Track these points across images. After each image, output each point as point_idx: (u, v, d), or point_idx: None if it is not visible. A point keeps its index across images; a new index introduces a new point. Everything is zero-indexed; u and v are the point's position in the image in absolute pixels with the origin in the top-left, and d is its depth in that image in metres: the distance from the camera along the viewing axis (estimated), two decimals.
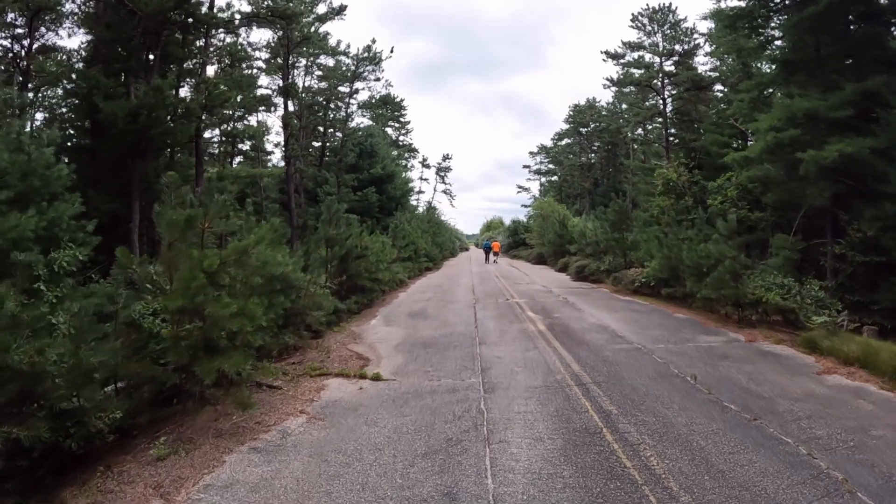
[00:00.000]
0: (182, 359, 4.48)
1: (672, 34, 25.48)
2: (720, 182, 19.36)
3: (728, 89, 25.24)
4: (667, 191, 19.60)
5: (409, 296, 13.86)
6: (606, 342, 7.51)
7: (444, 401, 4.92)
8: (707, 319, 9.89)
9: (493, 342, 7.44)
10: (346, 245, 10.45)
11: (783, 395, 5.32)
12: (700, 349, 7.32)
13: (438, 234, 33.51)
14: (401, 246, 18.49)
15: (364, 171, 32.58)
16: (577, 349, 7.00)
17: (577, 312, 10.21)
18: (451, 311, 10.55)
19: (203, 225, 4.89)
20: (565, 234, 24.01)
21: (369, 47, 28.69)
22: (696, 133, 26.55)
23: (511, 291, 14.09)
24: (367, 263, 10.96)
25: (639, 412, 4.68)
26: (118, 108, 11.26)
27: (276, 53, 26.62)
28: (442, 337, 7.93)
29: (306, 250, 9.65)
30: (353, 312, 10.32)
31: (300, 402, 5.19)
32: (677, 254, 11.78)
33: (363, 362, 6.62)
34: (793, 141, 12.95)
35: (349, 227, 11.36)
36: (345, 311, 9.53)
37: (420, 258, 21.59)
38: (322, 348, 7.48)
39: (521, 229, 42.07)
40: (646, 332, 8.32)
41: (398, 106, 45.84)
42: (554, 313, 10.07)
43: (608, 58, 25.93)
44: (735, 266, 9.25)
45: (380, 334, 8.42)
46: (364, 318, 10.20)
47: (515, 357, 6.52)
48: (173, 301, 4.17)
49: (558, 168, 56.38)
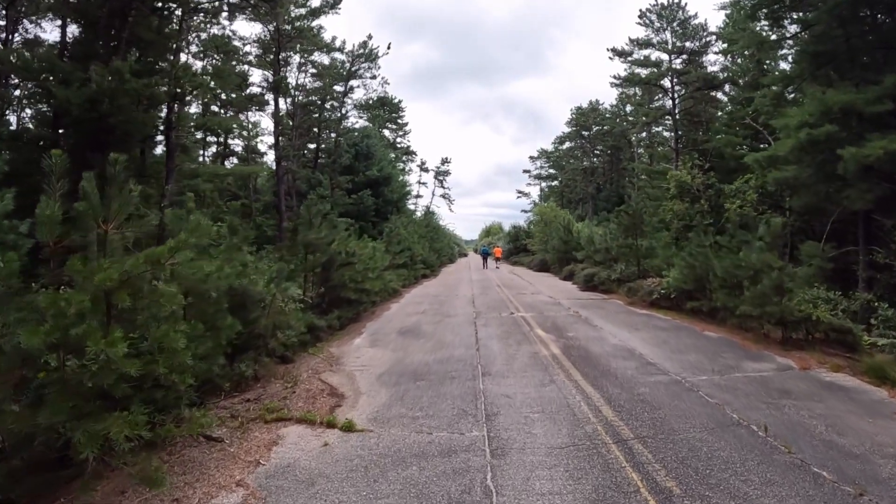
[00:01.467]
0: (57, 417, 3.10)
1: (682, 31, 24.32)
2: (737, 185, 18.06)
3: (740, 89, 24.06)
4: (680, 194, 18.32)
5: (403, 307, 12.48)
6: (638, 372, 6.14)
7: (435, 471, 3.54)
8: (743, 339, 8.55)
9: (499, 372, 6.06)
10: (328, 251, 9.08)
11: (878, 451, 4.02)
12: (752, 381, 5.96)
13: (436, 239, 32.16)
14: (395, 252, 17.13)
15: (360, 174, 31.28)
16: (604, 383, 5.63)
17: (594, 330, 8.84)
18: (449, 328, 9.18)
19: (103, 226, 3.52)
20: (571, 241, 22.69)
21: (365, 43, 27.48)
22: (706, 134, 25.35)
23: (515, 303, 12.72)
24: (352, 272, 9.59)
25: (709, 491, 3.32)
26: (73, 94, 9.92)
27: (268, 48, 25.36)
28: (437, 363, 6.55)
29: (280, 257, 8.29)
30: (336, 329, 8.94)
31: (241, 466, 3.81)
32: (704, 263, 10.45)
33: (335, 400, 5.24)
34: (829, 138, 11.67)
35: (333, 230, 10.01)
36: (324, 328, 8.15)
37: (416, 265, 20.23)
38: (290, 378, 6.09)
39: (522, 235, 40.72)
40: (680, 358, 6.95)
41: (396, 107, 44.65)
42: (567, 331, 8.70)
43: (615, 55, 24.75)
44: (782, 278, 7.91)
45: (363, 358, 7.03)
46: (348, 335, 8.82)
47: (529, 396, 5.14)
48: (30, 337, 2.79)
49: (559, 172, 55.19)
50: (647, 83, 23.94)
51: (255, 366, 5.92)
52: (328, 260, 9.26)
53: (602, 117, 45.06)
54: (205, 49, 20.48)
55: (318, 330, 7.86)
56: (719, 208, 17.36)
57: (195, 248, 4.01)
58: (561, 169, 54.22)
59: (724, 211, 17.40)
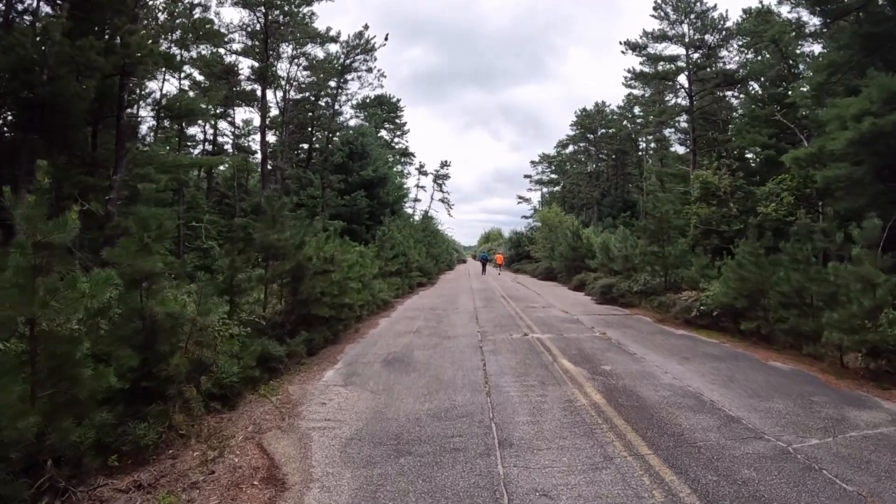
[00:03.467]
0: None
1: (700, 24, 22.64)
2: (770, 186, 16.26)
3: (763, 85, 22.35)
4: (704, 196, 16.50)
5: (393, 324, 10.54)
6: (723, 435, 4.22)
7: None
8: (820, 371, 6.70)
9: (523, 440, 4.11)
10: (295, 257, 7.16)
11: None
12: (879, 445, 4.11)
13: (434, 244, 30.23)
14: (387, 258, 15.21)
15: (354, 174, 29.37)
16: (685, 461, 3.70)
17: (635, 361, 6.91)
18: (448, 356, 7.23)
19: None
20: (580, 247, 20.83)
21: (361, 34, 25.71)
22: (723, 133, 23.58)
23: (526, 320, 10.79)
24: (327, 283, 7.65)
25: None
26: None
27: (256, 36, 23.53)
28: (432, 420, 4.60)
29: (231, 262, 6.36)
30: (304, 356, 6.98)
31: None
32: (759, 275, 8.58)
33: (270, 494, 3.30)
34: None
35: (305, 229, 8.10)
36: (283, 357, 6.20)
37: (412, 272, 18.30)
38: (216, 441, 4.15)
39: (524, 241, 38.81)
40: (766, 407, 5.04)
41: (394, 106, 42.90)
42: (601, 362, 6.78)
43: (628, 49, 22.99)
44: (885, 297, 6.03)
45: (329, 406, 5.08)
46: (319, 364, 6.87)
47: (579, 494, 3.20)
48: None
49: (562, 177, 53.48)
50: (663, 78, 22.17)
51: (161, 426, 3.98)
52: (295, 267, 7.34)
53: (608, 120, 43.39)
54: (183, 32, 18.61)
55: (274, 361, 5.92)
56: (750, 212, 15.55)
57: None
58: (563, 173, 52.51)
59: (756, 215, 15.61)
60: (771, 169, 19.16)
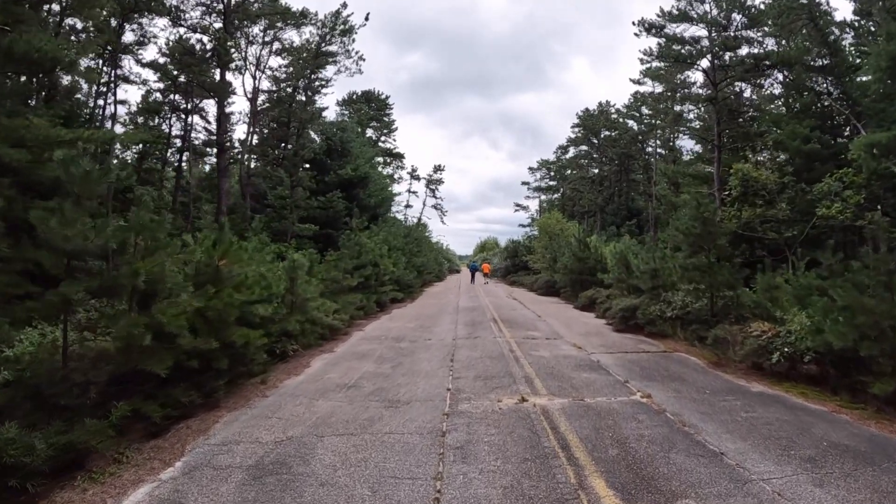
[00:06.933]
0: None
1: (725, 2, 19.68)
2: (828, 182, 13.09)
3: (796, 71, 19.30)
4: (745, 195, 13.33)
5: (328, 368, 7.18)
6: None
7: None
8: None
9: None
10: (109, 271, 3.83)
11: None
12: None
13: (419, 252, 26.87)
14: (347, 269, 11.89)
15: (331, 172, 26.16)
16: None
17: (733, 481, 3.58)
18: (375, 466, 3.89)
19: None
20: (588, 258, 17.57)
21: (338, 13, 22.61)
22: (748, 125, 20.49)
23: (524, 363, 7.45)
24: (172, 312, 4.31)
25: None
26: None
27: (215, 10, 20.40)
28: None
29: None
30: (128, 443, 3.63)
31: None
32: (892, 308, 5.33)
33: None
34: None
35: (158, 225, 4.81)
36: (43, 470, 2.84)
37: (384, 286, 14.96)
38: None
39: (521, 251, 35.50)
40: None
41: (383, 104, 39.87)
42: (675, 490, 3.45)
43: (643, 30, 19.95)
44: None
45: None
46: (132, 468, 3.53)
47: None
48: None
49: (562, 184, 50.44)
50: (683, 61, 19.14)
51: None
52: (110, 286, 4.01)
53: (612, 122, 40.41)
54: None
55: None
56: (806, 213, 12.40)
57: None
58: (563, 179, 49.47)
59: (813, 217, 12.47)
60: (813, 166, 16.14)
